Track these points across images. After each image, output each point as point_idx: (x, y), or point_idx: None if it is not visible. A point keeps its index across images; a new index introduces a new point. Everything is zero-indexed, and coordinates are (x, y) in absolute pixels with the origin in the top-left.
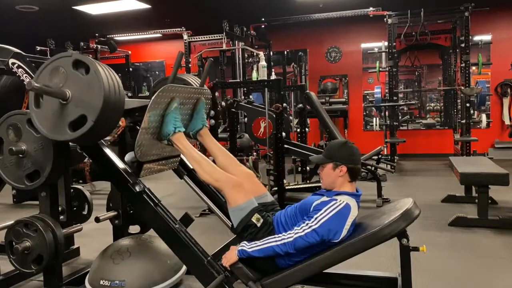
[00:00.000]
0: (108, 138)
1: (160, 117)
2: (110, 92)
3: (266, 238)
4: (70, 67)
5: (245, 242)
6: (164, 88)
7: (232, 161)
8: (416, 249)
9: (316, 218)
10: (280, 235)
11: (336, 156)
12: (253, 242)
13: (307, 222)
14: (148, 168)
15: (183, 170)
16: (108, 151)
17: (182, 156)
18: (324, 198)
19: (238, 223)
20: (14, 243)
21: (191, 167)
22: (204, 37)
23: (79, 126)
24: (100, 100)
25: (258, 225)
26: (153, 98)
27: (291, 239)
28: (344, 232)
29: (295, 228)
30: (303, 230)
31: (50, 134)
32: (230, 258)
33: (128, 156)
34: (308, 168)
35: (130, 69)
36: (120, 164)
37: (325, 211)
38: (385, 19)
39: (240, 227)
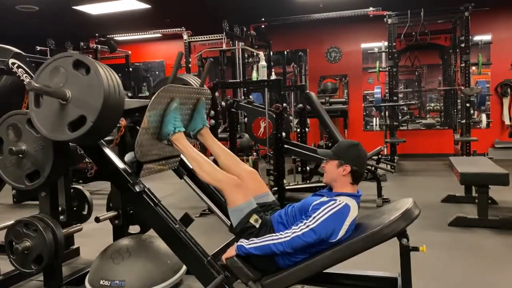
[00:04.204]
0: (109, 138)
1: (160, 117)
2: (110, 93)
3: (264, 236)
4: (70, 67)
5: (244, 239)
6: (164, 88)
7: (234, 160)
8: (416, 249)
9: (314, 217)
10: (278, 234)
11: (343, 155)
12: (251, 240)
13: (304, 221)
14: (148, 168)
15: (183, 170)
16: (107, 151)
17: (182, 156)
18: (324, 198)
19: (237, 224)
20: (14, 243)
21: (191, 167)
22: (204, 37)
23: (78, 126)
24: (100, 101)
25: (257, 226)
26: (153, 98)
27: (288, 238)
28: (342, 232)
29: (293, 227)
30: (301, 229)
31: (49, 134)
32: (228, 252)
33: (128, 156)
34: (308, 168)
35: (130, 69)
36: (119, 164)
37: (323, 210)
38: (385, 19)
39: (238, 228)
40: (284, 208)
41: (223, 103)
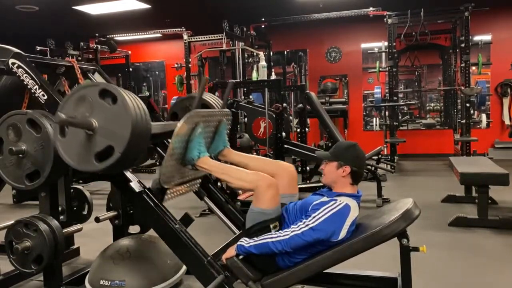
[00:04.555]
0: None
1: (185, 143)
2: (138, 121)
3: (264, 235)
4: (96, 97)
5: (245, 238)
6: (190, 115)
7: (265, 160)
8: (416, 249)
9: (314, 217)
10: (277, 232)
11: (342, 156)
12: (252, 239)
13: (304, 220)
14: (172, 192)
15: (204, 192)
16: None
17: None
18: (324, 198)
19: (253, 224)
20: (14, 243)
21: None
22: (204, 37)
23: (105, 156)
24: (128, 131)
25: (273, 231)
26: (178, 125)
27: (287, 236)
28: (343, 233)
29: (292, 226)
30: (300, 228)
31: (75, 165)
32: (228, 252)
33: (152, 182)
34: (308, 168)
35: (130, 69)
36: None
37: (323, 210)
38: (385, 19)
39: (254, 228)
40: (285, 205)
41: None
